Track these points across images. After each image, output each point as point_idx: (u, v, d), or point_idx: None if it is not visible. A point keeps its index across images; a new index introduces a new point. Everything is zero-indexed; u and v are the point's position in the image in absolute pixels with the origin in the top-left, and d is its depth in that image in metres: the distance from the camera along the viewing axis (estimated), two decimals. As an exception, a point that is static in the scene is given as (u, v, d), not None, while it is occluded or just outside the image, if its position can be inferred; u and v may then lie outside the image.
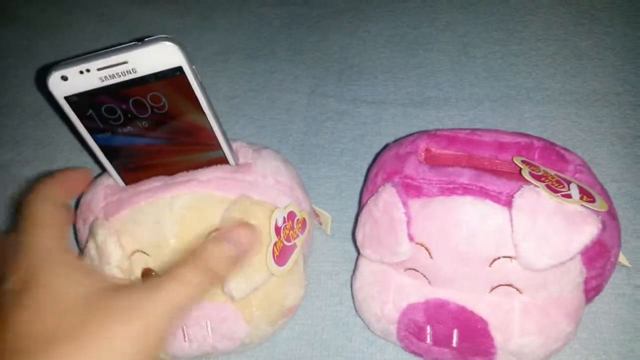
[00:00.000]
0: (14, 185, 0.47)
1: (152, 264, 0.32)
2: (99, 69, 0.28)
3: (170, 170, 0.34)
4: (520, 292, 0.31)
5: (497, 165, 0.34)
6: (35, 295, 0.26)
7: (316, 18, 0.58)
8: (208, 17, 0.60)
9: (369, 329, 0.36)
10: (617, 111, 0.47)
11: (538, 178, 0.30)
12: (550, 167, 0.32)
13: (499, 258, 0.30)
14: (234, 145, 0.36)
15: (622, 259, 0.36)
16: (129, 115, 0.30)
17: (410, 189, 0.32)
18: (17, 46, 0.58)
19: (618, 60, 0.51)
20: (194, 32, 0.58)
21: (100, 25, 0.60)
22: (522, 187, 0.30)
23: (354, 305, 0.36)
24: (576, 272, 0.31)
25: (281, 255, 0.33)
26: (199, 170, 0.34)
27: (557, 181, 0.30)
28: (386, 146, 0.38)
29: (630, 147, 0.44)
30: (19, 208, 0.29)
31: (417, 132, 0.37)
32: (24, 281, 0.26)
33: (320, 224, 0.41)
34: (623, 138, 0.45)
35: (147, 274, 0.32)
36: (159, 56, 0.28)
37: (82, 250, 0.34)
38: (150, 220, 0.32)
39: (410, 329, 0.33)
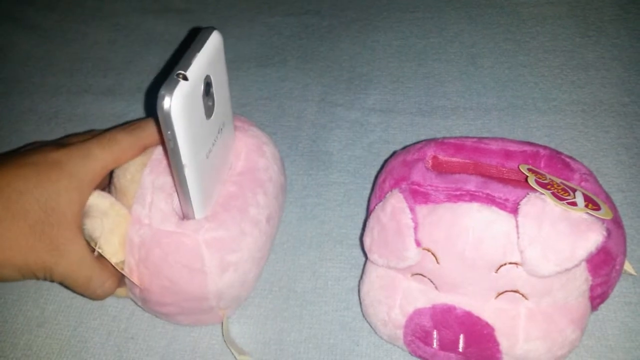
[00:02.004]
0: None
1: None
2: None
3: None
4: (526, 298, 0.31)
5: (504, 173, 0.34)
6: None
7: (326, 28, 0.60)
8: (221, 26, 0.61)
9: (375, 333, 0.36)
10: (623, 121, 0.47)
11: (544, 186, 0.31)
12: (556, 176, 0.33)
13: (505, 264, 0.30)
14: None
15: (628, 267, 0.37)
16: None
17: (418, 195, 0.33)
18: (34, 54, 0.60)
19: (624, 71, 0.51)
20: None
21: (116, 34, 0.61)
22: (528, 194, 0.30)
23: (361, 309, 0.37)
24: (581, 279, 0.31)
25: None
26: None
27: (563, 189, 0.31)
28: (394, 153, 0.39)
29: (636, 157, 0.44)
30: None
31: (424, 140, 0.37)
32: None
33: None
34: (629, 148, 0.45)
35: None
36: None
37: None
38: None
39: (417, 334, 0.34)
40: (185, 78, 0.27)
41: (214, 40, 0.30)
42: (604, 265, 0.31)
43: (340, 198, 0.45)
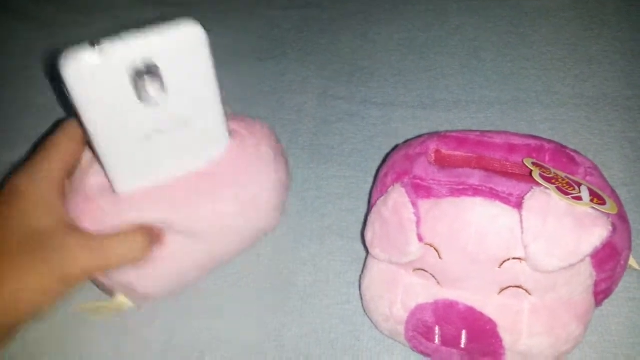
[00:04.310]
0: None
1: None
2: None
3: None
4: (530, 294, 0.31)
5: (508, 167, 0.34)
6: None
7: (327, 20, 0.59)
8: (220, 19, 0.60)
9: (377, 328, 0.36)
10: (627, 115, 0.47)
11: (549, 180, 0.30)
12: (561, 170, 0.32)
13: (508, 259, 0.30)
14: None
15: (632, 262, 0.36)
16: None
17: (420, 190, 0.32)
18: (33, 46, 0.59)
19: (628, 64, 0.51)
20: (207, 33, 0.59)
21: (115, 26, 0.60)
22: (532, 188, 0.30)
23: (362, 304, 0.36)
24: (586, 275, 0.31)
25: None
26: None
27: (568, 183, 0.30)
28: (396, 147, 0.38)
29: (641, 151, 0.44)
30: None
31: (427, 134, 0.37)
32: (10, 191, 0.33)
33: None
34: (633, 142, 0.45)
35: None
36: None
37: None
38: None
39: (419, 329, 0.33)
40: (98, 48, 0.28)
41: (184, 33, 0.30)
42: (608, 261, 0.31)
43: (341, 191, 0.45)
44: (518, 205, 0.30)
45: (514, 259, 0.30)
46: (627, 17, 0.55)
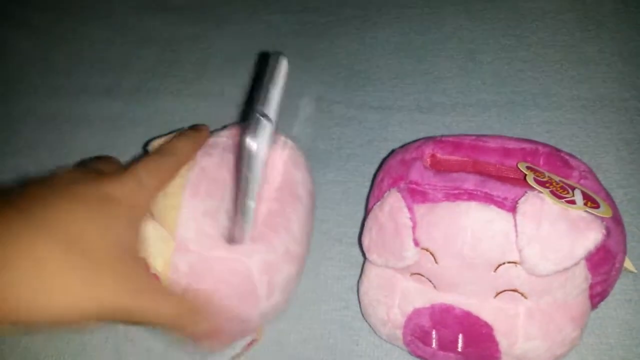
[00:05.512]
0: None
1: None
2: None
3: None
4: (525, 298, 0.31)
5: (503, 171, 0.34)
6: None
7: (324, 25, 0.59)
8: (218, 24, 0.60)
9: (375, 333, 0.36)
10: (624, 117, 0.47)
11: (542, 184, 0.30)
12: (555, 173, 0.33)
13: (504, 263, 0.30)
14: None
15: (628, 264, 0.36)
16: None
17: (416, 194, 0.32)
18: (32, 55, 0.59)
19: (625, 66, 0.51)
20: (205, 39, 0.59)
21: (114, 34, 0.61)
22: (526, 193, 0.30)
23: (360, 309, 0.37)
24: (581, 278, 0.31)
25: None
26: None
27: (562, 187, 0.31)
28: (392, 152, 0.38)
29: (637, 153, 0.44)
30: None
31: (423, 138, 0.37)
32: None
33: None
34: (630, 144, 0.45)
35: None
36: None
37: None
38: None
39: (416, 334, 0.33)
40: (269, 119, 0.28)
41: (284, 69, 0.30)
42: (603, 264, 0.31)
43: (339, 196, 0.45)
44: (512, 209, 0.30)
45: (509, 262, 0.30)
46: (624, 18, 0.55)
